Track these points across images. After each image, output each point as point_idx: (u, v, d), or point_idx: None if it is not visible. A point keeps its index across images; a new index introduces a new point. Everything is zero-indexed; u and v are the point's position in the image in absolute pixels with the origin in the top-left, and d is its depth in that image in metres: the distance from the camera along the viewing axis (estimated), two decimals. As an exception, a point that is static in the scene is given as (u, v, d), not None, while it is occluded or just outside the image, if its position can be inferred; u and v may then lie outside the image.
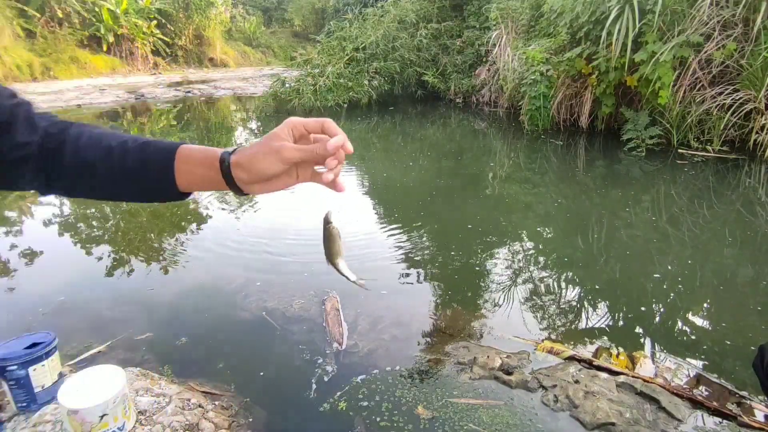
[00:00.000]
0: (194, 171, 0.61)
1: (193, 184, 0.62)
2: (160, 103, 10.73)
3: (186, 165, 0.61)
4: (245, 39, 21.50)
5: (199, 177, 0.61)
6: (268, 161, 0.57)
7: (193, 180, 0.62)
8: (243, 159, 0.58)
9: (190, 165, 0.61)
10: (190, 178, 0.62)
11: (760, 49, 4.81)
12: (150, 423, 1.54)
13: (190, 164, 0.61)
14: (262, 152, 0.58)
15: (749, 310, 2.40)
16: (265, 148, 0.58)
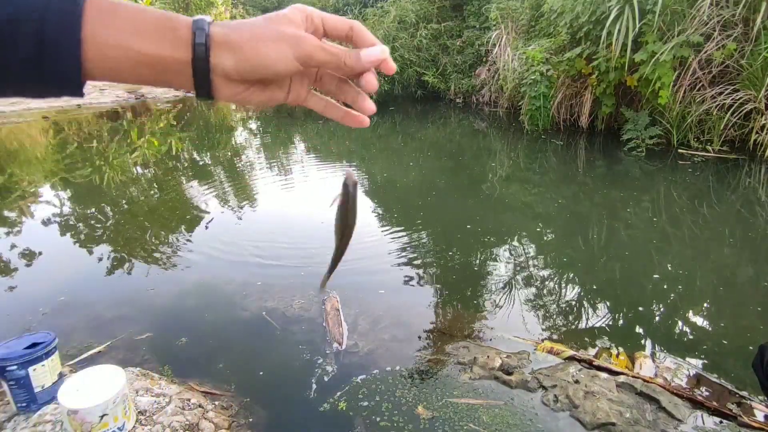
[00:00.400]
0: (126, 44, 0.36)
1: (117, 67, 0.36)
2: (160, 103, 10.73)
3: (110, 30, 0.35)
4: (245, 39, 21.53)
5: (134, 55, 0.36)
6: (276, 51, 0.38)
7: (118, 60, 0.36)
8: (237, 38, 0.38)
9: (119, 31, 0.35)
10: (115, 55, 0.35)
11: (760, 49, 4.81)
12: (150, 423, 1.54)
13: (117, 29, 0.35)
14: (271, 37, 0.38)
15: (749, 310, 2.39)
16: (274, 33, 0.38)
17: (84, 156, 6.20)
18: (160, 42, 0.37)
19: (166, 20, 0.37)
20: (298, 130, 7.80)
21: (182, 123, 8.73)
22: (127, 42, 0.36)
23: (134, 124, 8.66)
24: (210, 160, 6.10)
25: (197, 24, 0.37)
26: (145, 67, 0.37)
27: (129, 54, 0.36)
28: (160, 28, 0.37)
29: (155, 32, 0.37)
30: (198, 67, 0.38)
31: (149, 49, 0.36)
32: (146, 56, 0.36)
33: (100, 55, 0.35)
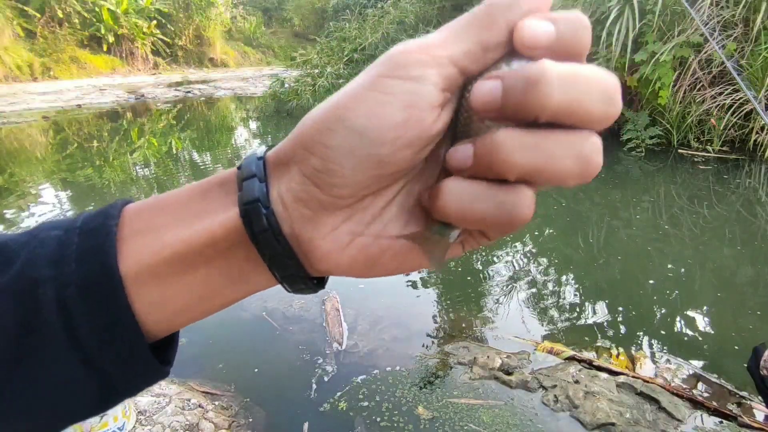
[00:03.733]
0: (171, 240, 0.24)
1: (176, 306, 0.25)
2: (160, 103, 10.73)
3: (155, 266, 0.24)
4: (245, 39, 21.51)
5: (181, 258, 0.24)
6: (385, 105, 0.21)
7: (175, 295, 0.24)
8: (299, 130, 0.23)
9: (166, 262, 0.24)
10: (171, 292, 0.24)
11: (760, 49, 4.81)
12: (150, 423, 1.55)
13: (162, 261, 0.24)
14: (367, 84, 0.22)
15: (749, 311, 2.39)
16: (372, 77, 0.22)
17: (84, 156, 6.20)
18: (206, 214, 0.24)
19: (213, 182, 0.26)
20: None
21: (182, 123, 8.74)
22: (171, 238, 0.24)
23: (134, 124, 8.66)
24: (210, 160, 6.10)
25: (245, 158, 0.25)
26: (201, 267, 0.24)
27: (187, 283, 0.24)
28: (203, 197, 0.25)
29: (199, 204, 0.25)
30: (253, 219, 0.23)
31: (195, 233, 0.24)
32: (193, 247, 0.23)
33: (158, 308, 0.24)
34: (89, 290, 0.22)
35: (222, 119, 9.56)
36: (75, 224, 0.24)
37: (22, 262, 0.23)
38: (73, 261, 0.23)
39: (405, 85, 0.21)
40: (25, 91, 11.38)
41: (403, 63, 0.21)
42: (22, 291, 0.22)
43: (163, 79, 14.90)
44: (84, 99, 10.67)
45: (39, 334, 0.22)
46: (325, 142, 0.22)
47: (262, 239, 0.23)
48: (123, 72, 15.37)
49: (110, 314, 0.23)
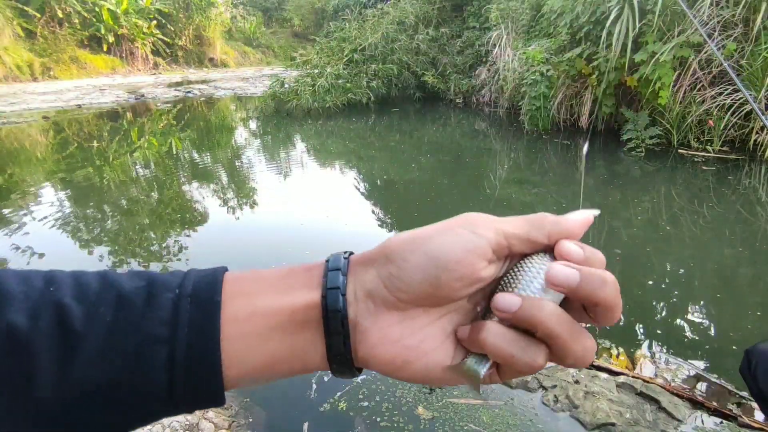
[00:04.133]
0: (260, 340, 0.29)
1: (260, 357, 0.29)
2: (160, 103, 10.73)
3: (245, 329, 0.29)
4: (245, 39, 21.52)
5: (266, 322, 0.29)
6: (455, 235, 0.29)
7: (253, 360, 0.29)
8: (387, 244, 0.31)
9: (252, 327, 0.29)
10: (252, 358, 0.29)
11: (760, 49, 4.81)
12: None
13: (251, 326, 0.29)
14: (442, 227, 0.30)
15: (749, 310, 2.40)
16: (447, 223, 0.31)
17: (84, 156, 6.20)
18: (292, 291, 0.30)
19: (299, 268, 0.32)
20: (297, 129, 7.80)
21: (182, 123, 8.74)
22: (261, 339, 0.29)
23: (134, 124, 8.66)
24: (210, 160, 6.10)
25: (333, 255, 0.32)
26: (278, 333, 0.29)
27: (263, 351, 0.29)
28: (291, 277, 0.31)
29: (287, 284, 0.31)
30: (330, 299, 0.29)
31: (281, 303, 0.30)
32: (277, 316, 0.29)
33: (237, 366, 0.29)
34: (194, 363, 0.28)
35: (222, 119, 9.56)
36: (186, 291, 0.29)
37: (147, 319, 0.28)
38: (185, 326, 0.28)
39: (470, 236, 0.29)
40: (25, 91, 11.38)
41: (474, 222, 0.30)
42: (141, 344, 0.28)
43: (163, 79, 14.90)
44: (84, 99, 10.67)
45: (144, 387, 0.28)
46: (404, 257, 0.29)
47: (332, 318, 0.29)
48: (123, 72, 15.38)
49: (207, 382, 0.28)
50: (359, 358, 0.30)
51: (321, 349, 0.30)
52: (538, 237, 0.30)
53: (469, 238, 0.29)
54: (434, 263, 0.28)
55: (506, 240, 0.30)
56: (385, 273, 0.29)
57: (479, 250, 0.29)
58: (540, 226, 0.30)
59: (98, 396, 0.27)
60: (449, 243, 0.29)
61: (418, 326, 0.30)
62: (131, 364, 0.27)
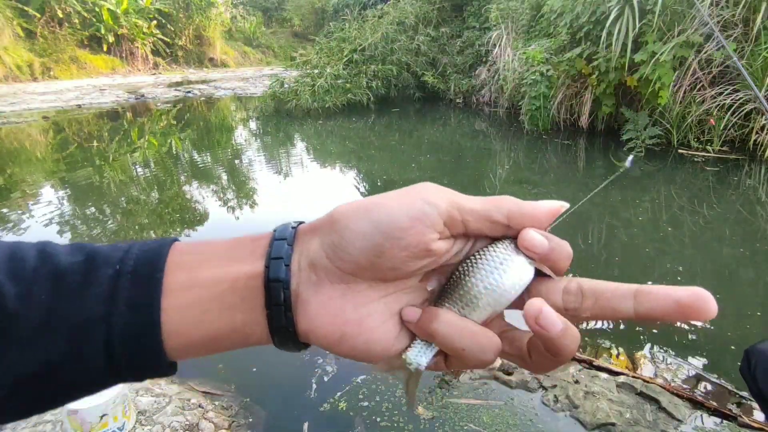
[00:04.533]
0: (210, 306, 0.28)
1: (201, 331, 0.28)
2: (160, 103, 10.73)
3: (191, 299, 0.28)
4: (245, 39, 21.52)
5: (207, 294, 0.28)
6: (401, 201, 0.28)
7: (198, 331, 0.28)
8: (335, 213, 0.29)
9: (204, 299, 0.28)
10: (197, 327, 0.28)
11: (760, 49, 4.81)
12: (150, 423, 1.55)
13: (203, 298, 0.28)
14: (393, 195, 0.29)
15: (749, 310, 2.40)
16: (399, 192, 0.29)
17: (84, 156, 6.20)
18: (235, 262, 0.29)
19: (246, 238, 0.31)
20: (296, 129, 7.80)
21: (182, 123, 8.74)
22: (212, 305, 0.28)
23: (134, 124, 8.66)
24: (210, 160, 6.10)
25: (282, 225, 0.30)
26: (216, 301, 0.28)
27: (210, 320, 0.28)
28: (237, 247, 0.30)
29: (232, 254, 0.30)
30: (272, 269, 0.28)
31: (223, 274, 0.28)
32: (219, 287, 0.28)
33: (181, 337, 0.28)
34: (133, 341, 0.27)
35: (222, 119, 9.56)
36: (127, 267, 0.28)
37: (83, 297, 0.27)
38: (123, 305, 0.27)
39: (420, 204, 0.27)
40: (25, 91, 11.38)
41: (427, 191, 0.28)
42: (77, 325, 0.26)
43: (163, 79, 14.90)
44: (84, 99, 10.67)
45: (84, 366, 0.27)
46: (348, 225, 0.27)
47: (273, 288, 0.28)
48: (123, 72, 15.38)
49: (148, 359, 0.28)
50: (301, 331, 0.28)
51: (263, 322, 0.28)
52: (496, 216, 0.28)
53: (419, 206, 0.27)
54: (378, 230, 0.27)
55: (460, 214, 0.28)
56: (327, 242, 0.28)
57: (428, 220, 0.27)
58: (499, 206, 0.29)
59: (33, 381, 0.26)
60: (396, 210, 0.27)
61: (361, 301, 0.28)
62: (68, 346, 0.26)
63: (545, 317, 0.26)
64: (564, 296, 0.28)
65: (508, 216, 0.28)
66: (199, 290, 0.28)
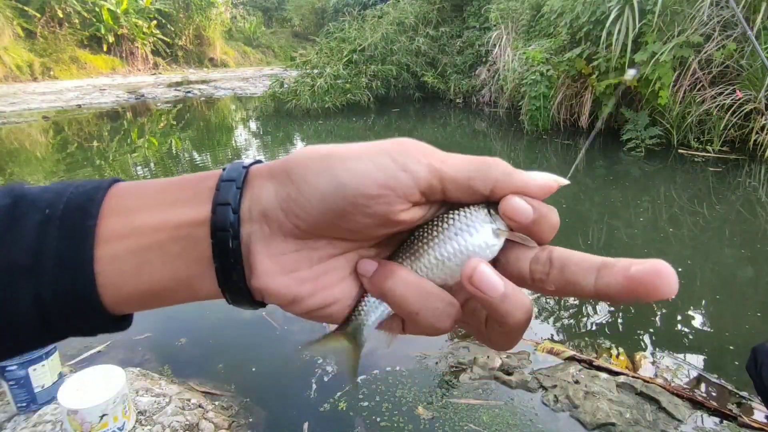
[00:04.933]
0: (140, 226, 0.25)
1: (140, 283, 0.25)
2: (160, 103, 10.73)
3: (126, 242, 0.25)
4: (245, 39, 21.51)
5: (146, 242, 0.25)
6: (368, 163, 0.24)
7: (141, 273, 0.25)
8: (292, 159, 0.25)
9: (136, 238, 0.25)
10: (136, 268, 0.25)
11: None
12: (150, 423, 1.55)
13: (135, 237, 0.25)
14: (361, 150, 0.25)
15: (749, 310, 2.39)
16: (370, 147, 0.25)
17: (84, 156, 6.20)
18: (177, 206, 0.25)
19: (196, 176, 0.27)
20: (296, 129, 7.80)
21: (182, 123, 8.74)
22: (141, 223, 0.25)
23: (134, 124, 8.66)
24: (210, 160, 6.10)
25: (232, 164, 0.27)
26: (156, 251, 0.25)
27: (141, 241, 0.25)
28: (180, 189, 0.26)
29: (173, 197, 0.26)
30: (219, 216, 0.24)
31: (163, 220, 0.25)
32: (158, 234, 0.25)
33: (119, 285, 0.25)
34: (66, 297, 0.24)
35: (222, 119, 9.56)
36: (56, 212, 0.24)
37: (6, 244, 0.24)
38: (51, 257, 0.24)
39: (394, 170, 0.24)
40: (25, 91, 11.38)
41: (407, 152, 0.24)
42: (1, 276, 0.24)
43: (163, 79, 14.90)
44: (84, 99, 10.67)
45: (12, 322, 0.24)
46: (307, 178, 0.24)
47: (221, 237, 0.24)
48: (123, 72, 15.37)
49: (86, 315, 0.25)
50: (253, 288, 0.26)
51: (211, 276, 0.25)
52: (479, 187, 0.25)
53: (393, 172, 0.23)
54: (340, 193, 0.23)
55: (440, 183, 0.24)
56: (283, 194, 0.24)
57: (401, 189, 0.24)
58: (486, 174, 0.25)
59: None
60: (364, 172, 0.23)
61: (317, 257, 0.26)
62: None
63: (481, 277, 0.23)
64: (532, 265, 0.25)
65: (494, 188, 0.25)
66: (137, 238, 0.25)
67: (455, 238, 0.25)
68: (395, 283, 0.25)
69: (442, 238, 0.26)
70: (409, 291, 0.25)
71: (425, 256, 0.26)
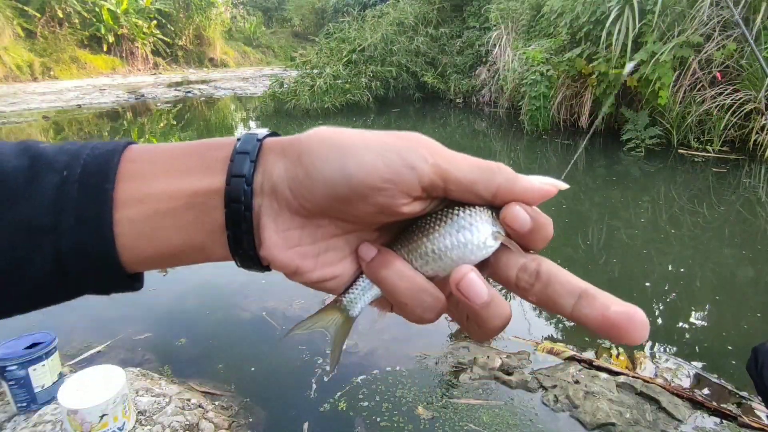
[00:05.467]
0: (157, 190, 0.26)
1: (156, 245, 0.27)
2: (160, 103, 10.73)
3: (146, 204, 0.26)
4: (245, 39, 21.51)
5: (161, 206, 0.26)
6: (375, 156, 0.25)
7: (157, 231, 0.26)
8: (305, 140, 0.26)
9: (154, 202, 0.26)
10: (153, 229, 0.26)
11: (760, 49, 4.80)
12: (150, 423, 1.55)
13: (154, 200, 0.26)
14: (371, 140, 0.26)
15: (749, 310, 2.39)
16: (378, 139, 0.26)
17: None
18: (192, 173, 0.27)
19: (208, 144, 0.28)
20: (296, 129, 7.79)
21: (182, 123, 8.74)
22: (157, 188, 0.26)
23: (134, 124, 8.66)
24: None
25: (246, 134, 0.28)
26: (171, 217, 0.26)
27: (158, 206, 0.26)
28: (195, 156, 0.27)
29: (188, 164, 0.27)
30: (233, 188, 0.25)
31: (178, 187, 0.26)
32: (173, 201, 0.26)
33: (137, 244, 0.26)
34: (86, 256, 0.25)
35: (222, 119, 9.56)
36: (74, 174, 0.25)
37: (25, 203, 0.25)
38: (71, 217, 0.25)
39: (400, 165, 0.25)
40: (25, 91, 11.38)
41: (414, 147, 0.25)
42: (22, 231, 0.25)
43: (163, 79, 14.90)
44: (84, 99, 10.67)
45: (33, 278, 0.25)
46: (316, 164, 0.25)
47: (234, 208, 0.26)
48: (123, 72, 15.37)
49: (105, 269, 0.26)
50: (260, 256, 0.27)
51: (223, 242, 0.27)
52: (482, 193, 0.26)
53: (398, 168, 0.25)
54: (346, 182, 0.25)
55: (443, 183, 0.26)
56: (292, 173, 0.26)
57: (405, 185, 0.25)
58: (490, 179, 0.26)
59: None
60: (371, 165, 0.24)
61: (321, 235, 0.27)
62: (11, 252, 0.24)
63: (468, 285, 0.25)
64: (519, 273, 0.26)
65: (496, 194, 0.26)
66: (153, 204, 0.26)
67: (456, 234, 0.27)
68: (390, 273, 0.27)
69: (442, 232, 0.27)
70: (401, 283, 0.27)
71: (423, 247, 0.27)
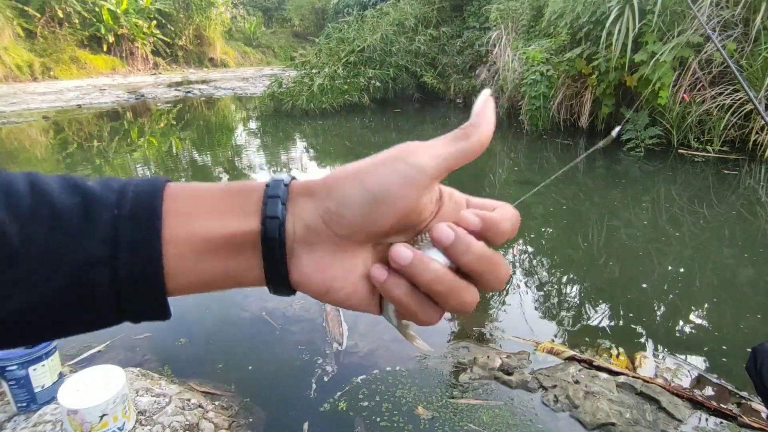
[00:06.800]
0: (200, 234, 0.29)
1: (197, 276, 0.30)
2: (160, 103, 10.73)
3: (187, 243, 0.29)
4: (245, 39, 21.50)
5: (204, 245, 0.29)
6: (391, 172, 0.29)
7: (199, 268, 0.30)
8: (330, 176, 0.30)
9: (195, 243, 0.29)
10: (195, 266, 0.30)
11: (760, 49, 4.80)
12: (150, 423, 1.55)
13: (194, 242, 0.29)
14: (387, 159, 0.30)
15: (749, 310, 2.40)
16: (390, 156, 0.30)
17: (84, 156, 6.20)
18: (230, 216, 0.30)
19: (237, 189, 0.31)
20: (296, 129, 7.80)
21: (182, 123, 8.74)
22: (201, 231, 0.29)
23: (134, 124, 8.66)
24: (210, 160, 6.10)
25: (273, 180, 0.31)
26: (213, 254, 0.30)
27: (200, 247, 0.29)
28: (229, 199, 0.31)
29: (225, 207, 0.30)
30: (269, 228, 0.29)
31: (219, 228, 0.29)
32: (215, 240, 0.29)
33: (182, 275, 0.30)
34: (138, 285, 0.28)
35: (222, 119, 9.56)
36: (125, 210, 0.29)
37: (84, 239, 0.28)
38: (126, 249, 0.28)
39: (404, 168, 0.29)
40: (25, 91, 11.38)
41: (413, 152, 0.30)
42: (80, 265, 0.27)
43: (163, 79, 14.89)
44: (84, 99, 10.66)
45: (91, 305, 0.28)
46: (344, 192, 0.29)
47: (270, 246, 0.29)
48: (123, 72, 15.36)
49: (151, 297, 0.29)
50: (292, 281, 0.31)
51: (257, 272, 0.31)
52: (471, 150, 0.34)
53: (407, 171, 0.29)
54: (372, 198, 0.29)
55: (446, 162, 0.31)
56: (323, 208, 0.30)
57: (417, 182, 0.30)
58: (468, 135, 0.35)
59: (38, 312, 0.28)
60: (386, 178, 0.29)
61: (348, 258, 0.31)
62: (72, 283, 0.27)
63: (396, 253, 0.30)
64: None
65: (480, 139, 0.35)
66: (197, 241, 0.29)
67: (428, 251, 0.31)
68: (401, 293, 0.30)
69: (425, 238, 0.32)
70: (411, 300, 0.30)
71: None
